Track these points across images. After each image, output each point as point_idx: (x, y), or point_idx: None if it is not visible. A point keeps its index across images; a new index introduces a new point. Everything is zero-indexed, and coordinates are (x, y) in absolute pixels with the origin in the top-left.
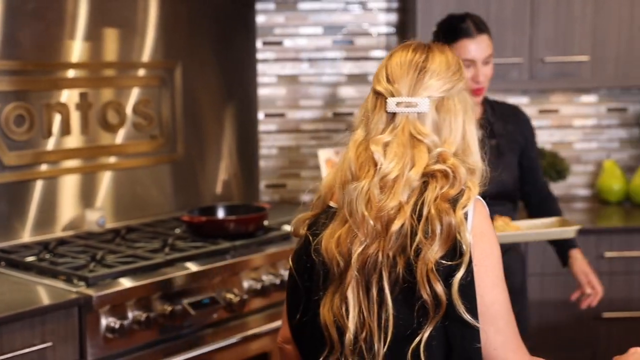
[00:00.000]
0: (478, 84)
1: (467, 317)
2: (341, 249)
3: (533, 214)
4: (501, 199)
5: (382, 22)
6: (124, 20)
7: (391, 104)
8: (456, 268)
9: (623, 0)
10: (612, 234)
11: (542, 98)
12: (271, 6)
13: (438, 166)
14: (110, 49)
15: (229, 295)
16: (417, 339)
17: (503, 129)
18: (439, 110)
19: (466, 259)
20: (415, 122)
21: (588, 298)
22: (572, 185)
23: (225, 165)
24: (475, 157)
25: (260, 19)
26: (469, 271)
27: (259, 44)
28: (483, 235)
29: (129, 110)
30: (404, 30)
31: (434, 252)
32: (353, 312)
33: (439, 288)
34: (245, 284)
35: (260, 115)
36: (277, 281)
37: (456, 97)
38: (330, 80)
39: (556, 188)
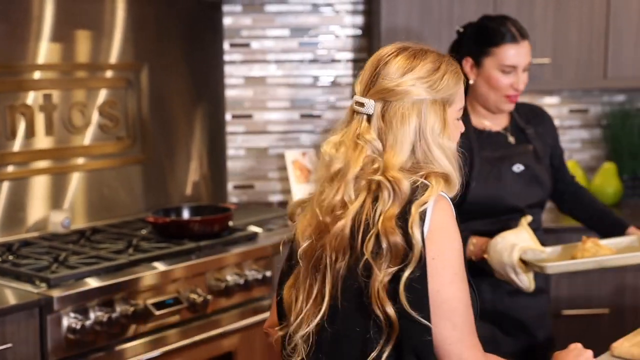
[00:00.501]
0: (516, 91)
1: (412, 312)
2: (302, 240)
3: (566, 209)
4: (537, 207)
5: (348, 24)
6: (91, 22)
7: (352, 101)
8: (405, 268)
9: (583, 4)
10: (572, 233)
11: None
12: (238, 8)
13: (377, 177)
14: (77, 50)
15: (193, 296)
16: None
17: (535, 132)
18: (384, 116)
19: (416, 256)
20: (364, 123)
21: None
22: None
23: (193, 167)
24: (443, 164)
25: (227, 21)
26: (420, 267)
27: (226, 45)
28: (441, 230)
29: (94, 111)
30: (370, 32)
31: (383, 273)
32: (299, 302)
33: (390, 310)
34: (210, 284)
35: (228, 117)
36: (241, 281)
37: (411, 106)
38: (297, 81)
39: None
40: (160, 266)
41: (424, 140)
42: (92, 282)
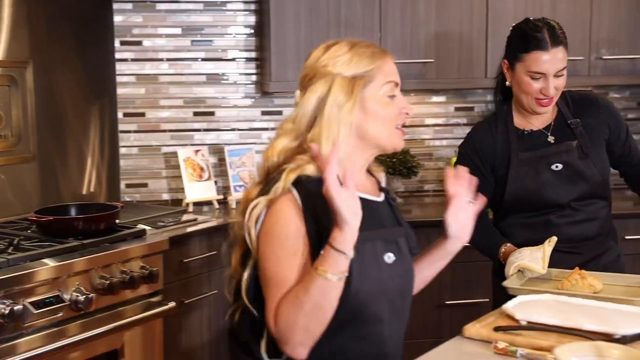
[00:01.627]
0: (546, 96)
1: (249, 305)
2: None
3: (634, 189)
4: (589, 199)
5: (240, 23)
6: None
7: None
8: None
9: (463, 6)
10: None
11: None
12: (129, 6)
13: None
14: None
15: (76, 294)
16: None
17: (584, 125)
18: (301, 100)
19: (254, 248)
20: (292, 112)
21: None
22: (425, 180)
23: (86, 165)
24: (333, 137)
25: (117, 19)
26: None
27: (117, 43)
28: (266, 234)
29: None
30: (261, 31)
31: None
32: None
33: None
34: (94, 283)
35: (120, 115)
36: (127, 279)
37: (321, 84)
38: (190, 80)
39: (409, 184)
40: (41, 265)
41: (326, 114)
42: None
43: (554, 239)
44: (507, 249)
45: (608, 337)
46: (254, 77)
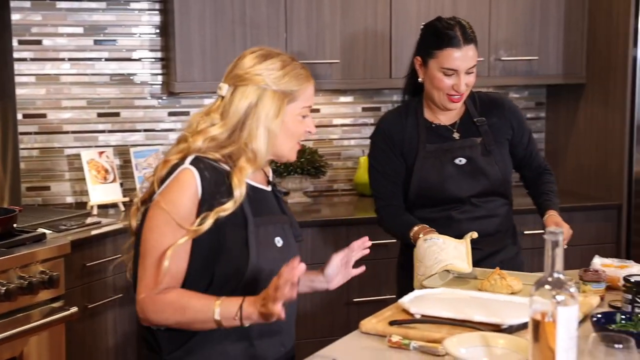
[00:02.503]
0: (457, 93)
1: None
2: None
3: (530, 193)
4: (490, 195)
5: (145, 22)
6: None
7: None
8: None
9: (368, 9)
10: (359, 225)
11: None
12: (27, 4)
13: (186, 133)
14: None
15: None
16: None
17: (487, 124)
18: (231, 96)
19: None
20: (217, 103)
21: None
22: (333, 180)
23: None
24: (260, 142)
25: (15, 17)
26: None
27: (14, 42)
28: (162, 190)
29: None
30: (166, 31)
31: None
32: None
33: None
34: None
35: (20, 116)
36: (26, 284)
37: (253, 90)
38: (93, 80)
39: (318, 183)
40: None
41: (255, 119)
42: None
43: (475, 234)
44: (419, 229)
45: (496, 328)
46: (160, 78)
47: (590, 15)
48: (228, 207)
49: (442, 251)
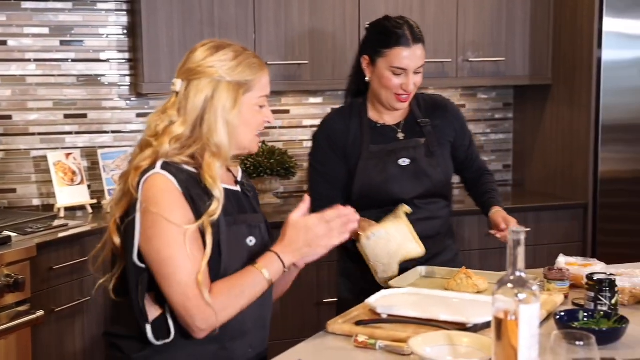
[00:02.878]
0: (406, 92)
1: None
2: None
3: (472, 194)
4: (432, 197)
5: (112, 23)
6: None
7: None
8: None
9: (336, 8)
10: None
11: (274, 100)
12: None
13: (149, 137)
14: None
15: None
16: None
17: (432, 126)
18: (185, 91)
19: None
20: (172, 99)
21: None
22: (304, 181)
23: None
24: (221, 136)
25: None
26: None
27: None
28: (146, 204)
29: None
30: (134, 32)
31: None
32: None
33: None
34: None
35: None
36: None
37: (207, 83)
38: (60, 81)
39: (288, 185)
40: None
41: (212, 113)
42: None
43: (407, 208)
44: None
45: (462, 326)
46: (127, 79)
47: (556, 17)
48: (215, 209)
49: (390, 242)
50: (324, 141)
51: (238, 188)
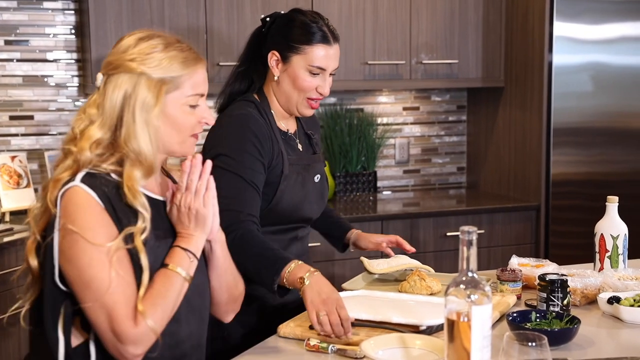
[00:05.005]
0: (321, 95)
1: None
2: None
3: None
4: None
5: (59, 22)
6: None
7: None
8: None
9: (289, 7)
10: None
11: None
12: None
13: (67, 145)
14: None
15: None
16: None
17: (315, 139)
18: (104, 87)
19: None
20: (94, 97)
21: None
22: None
23: None
24: (142, 141)
25: None
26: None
27: None
28: (64, 220)
29: None
30: (82, 31)
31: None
32: None
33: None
34: None
35: None
36: None
37: (127, 79)
38: (5, 82)
39: None
40: None
41: (131, 113)
42: None
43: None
44: (296, 267)
45: (415, 329)
46: (76, 80)
47: (508, 20)
48: (141, 227)
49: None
50: (253, 146)
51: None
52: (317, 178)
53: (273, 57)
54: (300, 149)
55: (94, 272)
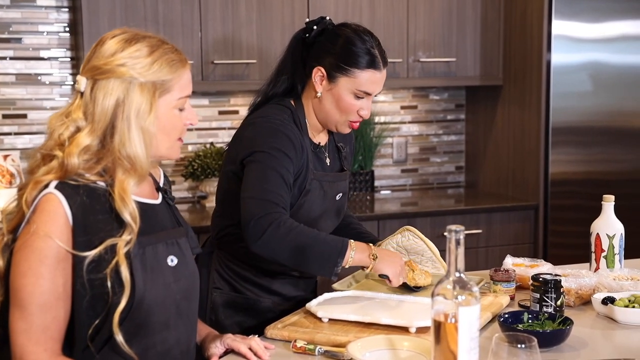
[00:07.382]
0: (363, 117)
1: None
2: None
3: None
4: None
5: (53, 20)
6: None
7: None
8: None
9: (285, 6)
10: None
11: (223, 100)
12: None
13: (51, 151)
14: None
15: None
16: None
17: (345, 152)
18: (91, 93)
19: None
20: (77, 101)
21: None
22: None
23: None
24: (136, 146)
25: None
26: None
27: None
28: (27, 224)
29: None
30: (76, 29)
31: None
32: None
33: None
34: None
35: None
36: None
37: (118, 84)
38: None
39: None
40: None
41: (125, 120)
42: None
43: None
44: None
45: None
46: (70, 78)
47: (506, 18)
48: (126, 239)
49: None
50: (288, 148)
51: (159, 199)
52: (338, 196)
53: (318, 73)
54: (328, 163)
55: (26, 282)
